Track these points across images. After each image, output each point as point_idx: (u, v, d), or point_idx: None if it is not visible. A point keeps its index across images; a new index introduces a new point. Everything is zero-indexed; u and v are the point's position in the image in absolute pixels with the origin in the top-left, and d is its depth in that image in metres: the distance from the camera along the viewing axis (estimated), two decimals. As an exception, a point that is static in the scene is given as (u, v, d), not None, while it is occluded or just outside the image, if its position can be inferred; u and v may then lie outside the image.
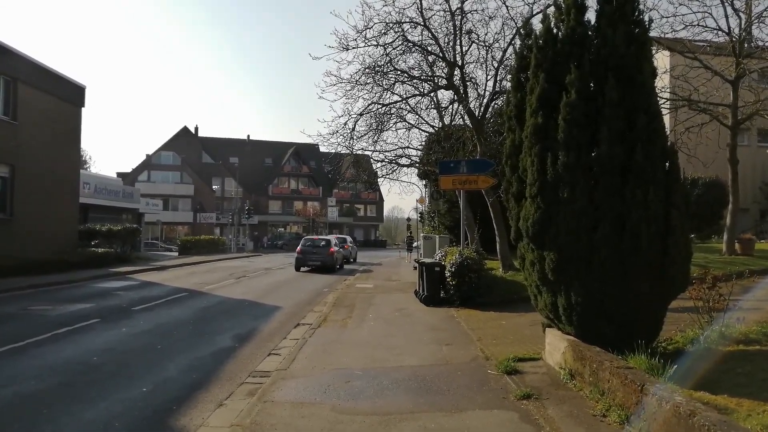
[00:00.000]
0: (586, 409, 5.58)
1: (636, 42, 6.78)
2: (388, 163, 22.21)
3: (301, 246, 27.37)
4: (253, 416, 5.66)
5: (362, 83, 18.72)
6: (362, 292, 17.47)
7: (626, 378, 5.09)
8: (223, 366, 8.02)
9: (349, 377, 7.12)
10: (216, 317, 12.46)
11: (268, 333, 10.61)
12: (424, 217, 39.91)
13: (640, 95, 6.67)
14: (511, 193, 7.80)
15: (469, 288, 13.55)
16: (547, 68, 7.14)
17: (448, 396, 6.29)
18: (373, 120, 20.01)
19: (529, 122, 7.20)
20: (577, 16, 7.10)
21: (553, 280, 6.85)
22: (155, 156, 72.62)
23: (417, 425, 5.32)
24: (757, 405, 4.93)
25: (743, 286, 11.55)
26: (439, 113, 21.73)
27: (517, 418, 5.46)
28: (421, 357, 8.34)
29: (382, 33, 17.88)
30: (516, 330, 10.13)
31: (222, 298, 15.92)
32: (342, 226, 78.40)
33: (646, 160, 6.44)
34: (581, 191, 6.58)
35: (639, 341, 6.17)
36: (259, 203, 73.66)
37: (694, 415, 3.97)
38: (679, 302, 7.19)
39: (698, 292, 7.39)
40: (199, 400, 6.43)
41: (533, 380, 6.72)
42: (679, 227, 6.50)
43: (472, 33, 18.64)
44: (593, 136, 6.65)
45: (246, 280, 21.79)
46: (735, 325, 7.52)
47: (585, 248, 6.53)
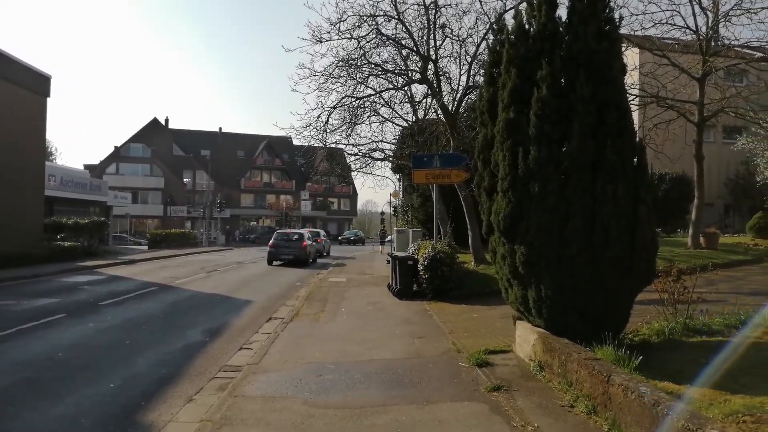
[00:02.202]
0: (554, 400, 5.67)
1: (607, 39, 6.87)
2: (362, 156, 22.19)
3: (274, 240, 27.17)
4: (224, 411, 5.61)
5: (336, 76, 18.66)
6: (335, 285, 17.44)
7: (593, 369, 5.18)
8: (194, 361, 7.93)
9: (321, 371, 7.11)
10: (186, 312, 12.31)
11: (240, 327, 10.52)
12: (397, 211, 39.97)
13: (611, 91, 6.77)
14: (483, 187, 7.85)
15: (442, 281, 13.64)
16: (519, 64, 7.18)
17: (419, 388, 6.33)
18: (347, 113, 19.98)
19: (501, 117, 7.25)
20: (549, 12, 7.16)
21: (524, 274, 6.93)
22: (124, 148, 71.14)
23: (388, 418, 5.34)
24: (719, 394, 5.08)
25: (707, 278, 11.83)
26: (413, 107, 21.79)
27: (487, 410, 5.52)
28: (393, 350, 8.37)
29: (356, 26, 17.83)
30: (487, 323, 10.23)
31: (193, 292, 15.73)
32: (315, 219, 78.04)
33: (616, 156, 6.54)
34: (552, 186, 6.66)
35: (607, 333, 6.29)
36: (231, 196, 72.80)
37: (658, 405, 4.07)
38: (646, 295, 7.35)
39: (664, 284, 7.57)
40: (168, 395, 6.35)
41: (504, 372, 6.80)
42: (647, 222, 6.64)
43: (445, 27, 18.72)
44: (564, 132, 6.73)
45: (217, 274, 21.56)
46: (699, 316, 7.74)
47: (555, 242, 6.62)
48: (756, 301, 9.55)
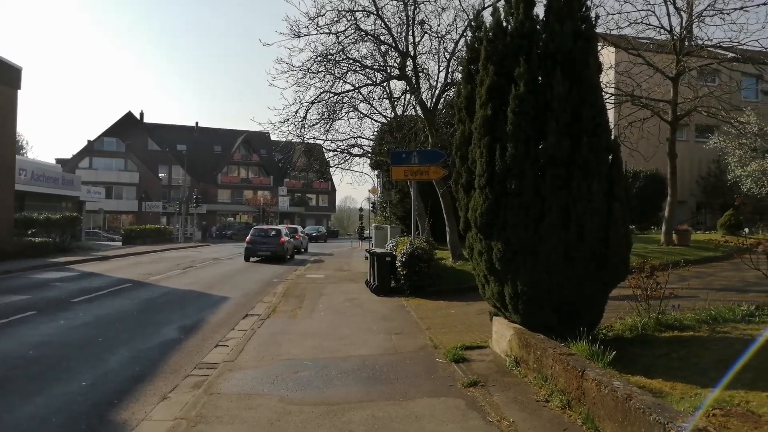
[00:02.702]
0: (530, 394, 5.72)
1: (583, 37, 6.94)
2: (340, 152, 22.09)
3: (251, 236, 26.94)
4: (199, 408, 5.55)
5: (314, 71, 18.53)
6: (313, 282, 17.37)
7: (568, 364, 5.24)
8: (168, 358, 7.82)
9: (298, 368, 7.08)
10: (161, 309, 12.15)
11: (216, 324, 10.42)
12: (376, 207, 39.98)
13: (587, 89, 6.84)
14: (461, 183, 7.88)
15: (420, 277, 13.68)
16: (496, 61, 7.22)
17: (396, 385, 6.34)
18: (325, 109, 19.84)
19: (479, 114, 7.28)
20: (526, 10, 7.20)
21: (500, 270, 6.98)
22: (98, 142, 69.85)
23: (365, 414, 5.33)
24: (690, 388, 5.18)
25: (679, 274, 12.11)
26: (392, 103, 21.75)
27: (463, 405, 5.55)
28: (370, 346, 8.37)
29: (334, 21, 17.73)
30: (464, 319, 10.28)
31: (168, 288, 15.52)
32: (293, 215, 77.63)
33: (591, 153, 6.62)
34: (528, 183, 6.71)
35: (581, 328, 6.37)
36: (207, 192, 72.02)
37: (630, 399, 4.13)
38: (619, 290, 7.46)
39: (637, 280, 7.69)
40: (142, 393, 6.26)
41: (480, 368, 6.85)
42: (621, 219, 6.73)
43: (424, 23, 18.72)
44: (541, 129, 6.78)
45: (193, 270, 21.32)
46: (671, 312, 7.88)
47: (531, 239, 6.67)
48: (726, 296, 9.78)
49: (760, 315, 7.75)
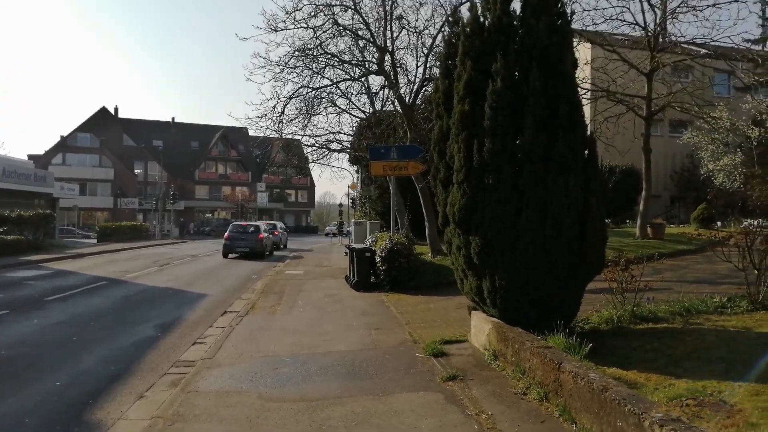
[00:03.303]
0: (508, 388, 5.77)
1: (559, 33, 6.99)
2: (319, 147, 22.01)
3: (229, 232, 26.70)
4: (176, 407, 5.49)
5: (292, 66, 18.42)
6: (292, 278, 17.29)
7: (545, 357, 5.30)
8: (145, 357, 7.73)
9: (277, 364, 7.04)
10: (137, 306, 11.99)
11: (194, 321, 10.32)
12: (355, 202, 39.92)
13: (563, 85, 6.89)
14: (439, 179, 7.90)
15: (399, 273, 13.70)
16: (474, 56, 7.24)
17: (375, 380, 6.34)
18: (303, 104, 19.76)
19: (457, 109, 7.30)
20: (503, 6, 7.23)
21: (479, 264, 7.02)
22: (71, 138, 68.49)
23: (344, 410, 5.33)
24: (664, 379, 5.28)
25: (654, 267, 12.27)
26: (370, 99, 21.72)
27: (442, 399, 5.57)
28: (350, 342, 8.36)
29: (311, 15, 17.64)
30: (443, 313, 10.33)
31: (144, 286, 15.32)
32: (272, 211, 77.13)
33: (568, 149, 6.68)
34: (506, 178, 6.75)
35: (558, 322, 6.44)
36: (185, 188, 71.17)
37: (606, 390, 4.19)
38: (596, 284, 7.55)
39: (613, 274, 7.80)
40: (117, 392, 6.17)
41: (459, 362, 6.89)
42: (597, 213, 6.81)
43: (402, 19, 18.73)
44: (518, 124, 6.82)
45: (170, 267, 21.07)
46: (645, 304, 8.02)
47: (509, 233, 6.72)
48: (699, 289, 9.98)
49: (732, 306, 7.93)
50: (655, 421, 3.55)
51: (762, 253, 7.79)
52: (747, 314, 7.60)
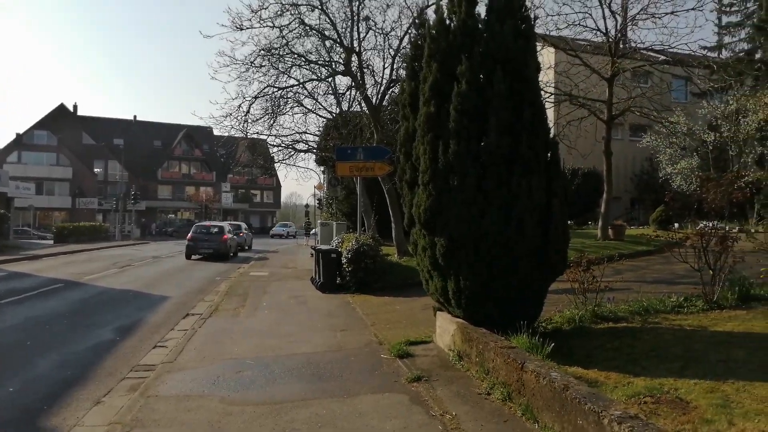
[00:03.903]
0: (472, 388, 5.81)
1: (523, 37, 7.08)
2: (285, 148, 21.82)
3: (192, 233, 26.21)
4: (135, 412, 5.35)
5: (257, 65, 18.20)
6: (257, 280, 17.09)
7: (509, 357, 5.35)
8: (103, 361, 7.52)
9: (240, 367, 6.94)
10: (96, 309, 11.66)
11: (155, 325, 10.09)
12: (322, 203, 39.72)
13: (526, 88, 6.98)
14: (405, 180, 7.91)
15: (365, 274, 13.67)
16: (439, 59, 7.27)
17: (340, 382, 6.31)
18: (269, 103, 19.53)
19: (422, 111, 7.32)
20: (468, 9, 7.28)
21: (444, 265, 7.05)
22: (27, 135, 66.20)
23: (308, 412, 5.28)
24: (623, 377, 5.39)
25: (614, 268, 12.55)
26: (337, 99, 21.65)
27: (407, 401, 5.58)
28: (315, 344, 8.30)
29: (278, 14, 17.45)
30: (409, 314, 10.35)
31: (103, 288, 14.91)
32: (237, 212, 76.14)
33: (531, 151, 6.77)
34: (471, 179, 6.80)
35: (522, 322, 6.51)
36: (147, 188, 69.64)
37: (567, 389, 4.25)
38: (559, 284, 7.68)
39: (575, 274, 7.93)
40: (74, 398, 6.00)
41: (424, 363, 6.90)
42: (559, 215, 6.92)
43: (369, 20, 18.70)
44: (483, 127, 6.88)
45: (131, 269, 20.58)
46: (606, 304, 8.18)
47: (473, 234, 6.77)
48: (657, 288, 10.23)
49: (688, 306, 8.14)
50: (613, 419, 3.61)
51: (716, 254, 8.02)
52: (702, 313, 7.82)
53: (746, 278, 8.42)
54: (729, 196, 9.25)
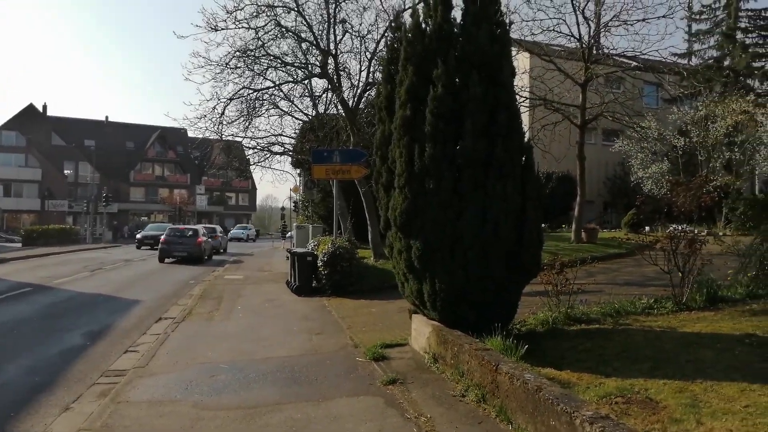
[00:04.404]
0: (447, 390, 5.83)
1: (498, 42, 7.16)
2: (261, 150, 21.67)
3: (166, 236, 25.78)
4: (105, 419, 5.24)
5: (233, 67, 18.06)
6: (231, 283, 16.91)
7: (483, 359, 5.39)
8: (72, 366, 7.36)
9: (214, 371, 6.85)
10: (65, 314, 11.41)
11: (126, 329, 9.91)
12: (298, 206, 39.52)
13: (501, 93, 7.05)
14: (381, 183, 7.92)
15: (341, 277, 13.64)
16: (415, 62, 7.30)
17: (315, 385, 6.28)
18: (244, 105, 19.40)
19: (398, 114, 7.35)
20: (444, 13, 7.34)
21: (419, 268, 7.07)
22: (-6, 136, 64.64)
23: (283, 417, 5.24)
24: (595, 378, 5.47)
25: (587, 270, 12.78)
26: (313, 101, 21.59)
27: (382, 403, 5.57)
28: (290, 347, 8.25)
29: (253, 15, 17.36)
30: (385, 317, 10.36)
31: (73, 292, 14.60)
32: (212, 215, 75.38)
33: (506, 155, 6.84)
34: (446, 183, 6.84)
35: (497, 324, 6.57)
36: (119, 190, 68.50)
37: (540, 390, 4.29)
38: (532, 286, 7.76)
39: (548, 276, 8.03)
40: (41, 404, 5.85)
41: (399, 365, 6.91)
42: (533, 218, 7.00)
43: (346, 22, 18.71)
44: (458, 130, 6.93)
45: (102, 272, 20.20)
46: (579, 306, 8.30)
47: (449, 237, 6.81)
48: (628, 290, 10.42)
49: (658, 308, 8.31)
50: (585, 419, 3.66)
51: (685, 257, 8.20)
52: (672, 315, 7.99)
53: (714, 280, 8.63)
54: (698, 200, 9.48)
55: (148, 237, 34.46)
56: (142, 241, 34.65)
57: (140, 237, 35.28)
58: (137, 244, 34.58)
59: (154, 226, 39.98)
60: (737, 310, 7.88)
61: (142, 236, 35.20)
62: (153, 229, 36.31)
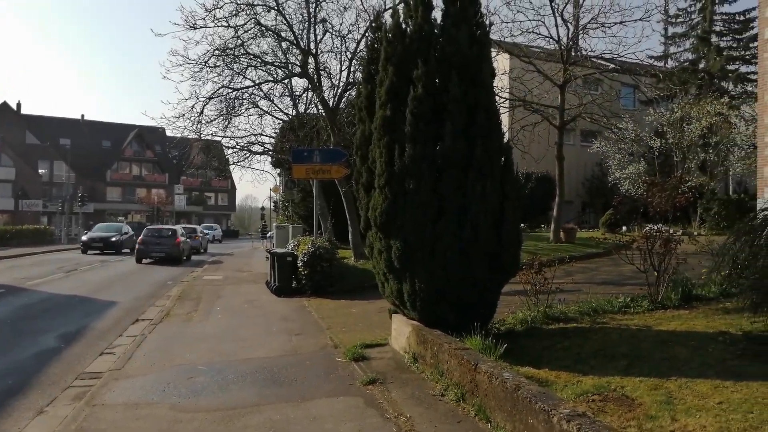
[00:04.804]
0: (426, 389, 5.85)
1: (478, 43, 7.20)
2: (240, 149, 21.51)
3: (143, 236, 25.43)
4: (80, 422, 5.16)
5: (212, 65, 17.89)
6: (210, 284, 16.76)
7: (462, 358, 5.41)
8: (46, 369, 7.22)
9: (192, 373, 6.79)
10: (39, 315, 11.20)
11: (102, 331, 9.76)
12: (278, 206, 39.32)
13: (481, 93, 7.09)
14: (361, 183, 7.92)
15: (321, 277, 13.60)
16: (395, 62, 7.31)
17: (295, 386, 6.25)
18: (224, 104, 19.23)
19: (379, 114, 7.35)
20: (425, 14, 7.36)
21: (399, 268, 7.08)
22: (-34, 134, 63.18)
23: (262, 418, 5.21)
24: (572, 376, 5.53)
25: (565, 270, 12.90)
26: (293, 101, 21.51)
27: (362, 403, 5.57)
28: (269, 348, 8.20)
29: (233, 14, 17.22)
30: (365, 317, 10.35)
31: (48, 294, 14.33)
32: (191, 215, 74.61)
33: (485, 155, 6.88)
34: (426, 183, 6.86)
35: (476, 323, 6.60)
36: (95, 190, 67.42)
37: (518, 389, 4.33)
38: (512, 286, 7.82)
39: (527, 276, 8.09)
40: (14, 408, 5.74)
41: (379, 365, 6.91)
42: (512, 218, 7.05)
43: (326, 22, 18.65)
44: (438, 131, 6.95)
45: (78, 273, 19.86)
46: (557, 305, 8.38)
47: (429, 237, 6.83)
48: (606, 289, 10.56)
49: (635, 306, 8.42)
50: (562, 417, 3.70)
51: (661, 256, 8.33)
52: (648, 313, 8.10)
53: (689, 279, 8.77)
54: (673, 200, 9.62)
55: (95, 240, 29.45)
56: (88, 244, 29.21)
57: (86, 239, 29.60)
58: (82, 248, 29.22)
59: (104, 226, 33.28)
60: (711, 308, 8.02)
61: (89, 238, 29.63)
62: (102, 230, 31.33)
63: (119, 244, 29.91)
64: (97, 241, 29.45)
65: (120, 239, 30.25)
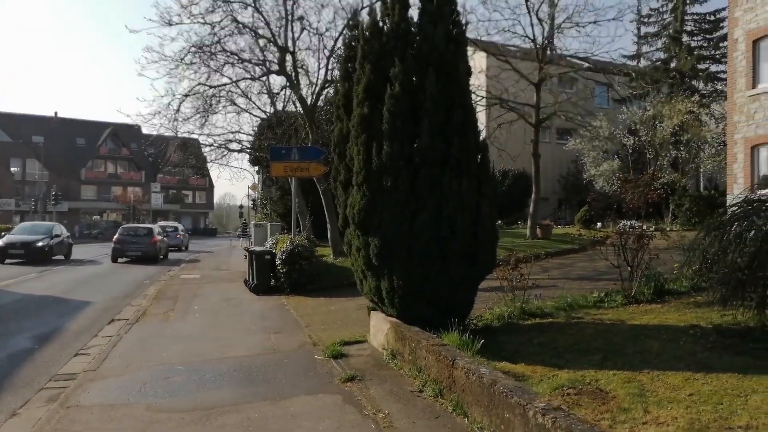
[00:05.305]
0: (405, 386, 5.89)
1: (454, 41, 7.26)
2: (218, 147, 21.35)
3: (119, 235, 25.08)
4: (54, 424, 5.09)
5: (188, 62, 17.70)
6: (187, 282, 16.60)
7: (440, 354, 5.46)
8: (19, 371, 7.09)
9: (169, 373, 6.73)
10: (11, 317, 10.97)
11: (76, 331, 9.61)
12: (256, 204, 39.06)
13: (457, 91, 7.16)
14: (339, 181, 7.93)
15: (300, 275, 13.56)
16: (373, 60, 7.33)
17: (273, 384, 6.24)
18: (201, 102, 19.04)
19: (356, 112, 7.36)
20: (401, 12, 7.39)
21: (377, 265, 7.11)
22: (-66, 131, 61.57)
23: (240, 417, 5.19)
24: (548, 371, 5.61)
25: (542, 266, 13.07)
26: (271, 99, 21.36)
27: (340, 401, 5.59)
28: (247, 347, 8.16)
29: (209, 10, 17.07)
30: (344, 315, 10.36)
31: (20, 294, 14.05)
32: (168, 213, 73.59)
33: (462, 153, 6.94)
34: (403, 181, 6.90)
35: (454, 320, 6.65)
36: (69, 188, 66.13)
37: (495, 384, 4.39)
38: (489, 282, 7.90)
39: (504, 272, 8.19)
40: (-14, 411, 5.63)
41: (358, 362, 6.93)
42: (488, 215, 7.13)
43: (303, 20, 18.58)
44: (415, 128, 7.00)
45: (51, 273, 19.49)
46: (534, 301, 8.49)
47: (406, 235, 6.87)
48: (581, 285, 10.72)
49: (609, 301, 8.58)
50: (538, 411, 3.76)
51: (634, 252, 8.48)
52: (622, 308, 8.26)
53: (661, 274, 8.95)
54: (645, 197, 9.79)
55: (13, 245, 22.48)
56: (4, 251, 22.13)
57: (2, 245, 22.40)
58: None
59: (28, 226, 25.94)
60: (682, 302, 8.20)
61: (5, 243, 22.49)
62: (24, 231, 24.35)
63: (48, 251, 23.05)
64: (16, 246, 22.63)
65: (49, 244, 23.29)
